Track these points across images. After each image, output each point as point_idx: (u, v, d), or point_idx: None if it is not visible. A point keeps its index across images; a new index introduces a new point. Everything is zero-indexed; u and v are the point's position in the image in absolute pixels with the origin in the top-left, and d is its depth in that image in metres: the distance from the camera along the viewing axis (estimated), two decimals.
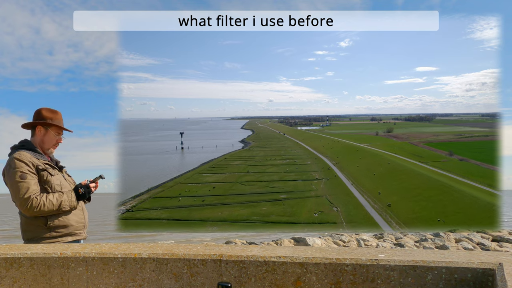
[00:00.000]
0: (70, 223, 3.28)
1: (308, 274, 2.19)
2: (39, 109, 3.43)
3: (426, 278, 2.05)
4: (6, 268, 2.50)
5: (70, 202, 3.24)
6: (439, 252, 2.30)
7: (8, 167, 3.17)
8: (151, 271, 2.38)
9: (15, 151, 3.25)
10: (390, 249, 2.38)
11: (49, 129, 3.39)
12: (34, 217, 3.16)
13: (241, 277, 2.27)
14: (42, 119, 3.38)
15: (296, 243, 13.50)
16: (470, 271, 2.01)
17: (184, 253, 2.37)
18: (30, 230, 3.21)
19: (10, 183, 3.14)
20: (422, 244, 13.23)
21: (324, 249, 2.40)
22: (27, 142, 3.35)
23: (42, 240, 3.17)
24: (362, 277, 2.13)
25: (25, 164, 3.13)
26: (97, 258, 2.43)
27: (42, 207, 3.09)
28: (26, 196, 3.06)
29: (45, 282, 2.48)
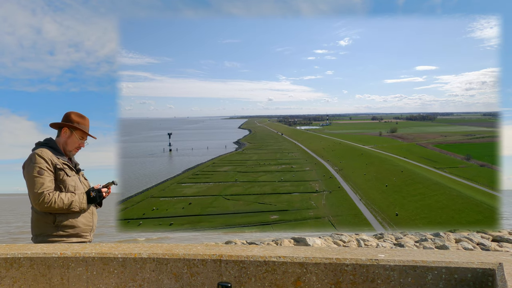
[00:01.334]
0: (78, 224, 3.35)
1: (308, 274, 2.19)
2: (68, 112, 3.56)
3: (426, 278, 2.05)
4: (6, 268, 2.50)
5: (80, 204, 3.32)
6: (439, 252, 2.30)
7: (28, 161, 3.28)
8: (151, 271, 2.38)
9: (38, 147, 3.38)
10: (390, 249, 2.38)
11: (74, 132, 3.51)
12: (44, 214, 3.26)
13: (241, 277, 2.27)
14: (69, 122, 3.51)
15: (296, 243, 13.49)
16: (470, 271, 2.01)
17: (184, 253, 2.37)
18: (39, 226, 3.30)
19: (27, 176, 3.25)
20: (422, 244, 13.23)
21: (324, 249, 2.39)
22: (51, 141, 3.48)
23: (48, 237, 3.26)
24: (362, 277, 2.13)
25: (45, 161, 3.25)
26: (97, 258, 2.43)
27: (52, 204, 3.18)
28: (39, 191, 3.17)
29: (45, 282, 2.48)
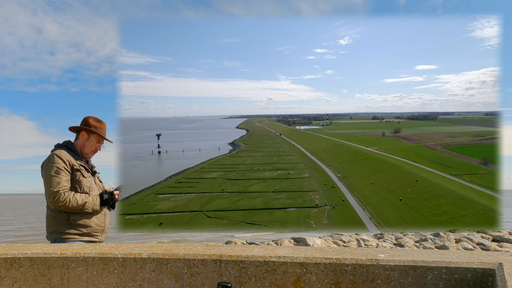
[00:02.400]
0: (90, 224, 3.49)
1: (308, 274, 2.19)
2: (87, 117, 3.77)
3: (426, 278, 2.05)
4: (6, 268, 2.50)
5: (93, 205, 3.48)
6: (439, 252, 2.30)
7: (47, 161, 3.46)
8: (151, 271, 2.38)
9: (57, 149, 3.57)
10: (390, 249, 2.38)
11: (91, 136, 3.71)
12: (58, 212, 3.41)
13: (241, 277, 2.27)
14: (87, 126, 3.71)
15: (296, 243, 13.49)
16: (470, 271, 2.01)
17: (184, 253, 2.37)
18: (53, 223, 3.46)
19: (45, 175, 3.41)
20: (422, 244, 13.23)
21: (324, 249, 2.39)
22: (70, 143, 3.68)
23: (62, 235, 3.41)
24: (362, 277, 2.13)
25: (62, 161, 3.42)
26: (97, 258, 2.43)
27: (67, 203, 3.33)
28: (55, 189, 3.32)
29: (45, 282, 2.48)
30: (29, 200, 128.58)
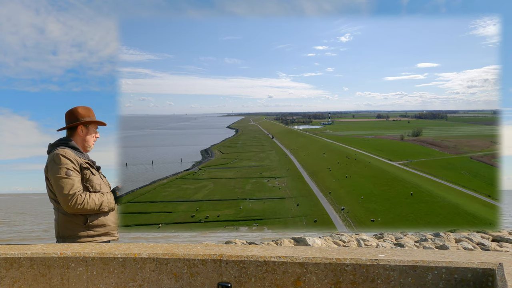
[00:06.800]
0: (108, 223, 3.31)
1: (308, 274, 2.19)
2: (75, 108, 3.43)
3: (426, 278, 2.05)
4: (6, 268, 2.50)
5: (109, 204, 3.28)
6: (439, 252, 2.30)
7: (52, 163, 3.14)
8: (151, 271, 2.38)
9: (57, 148, 3.24)
10: (390, 249, 2.38)
11: (90, 127, 3.43)
12: (73, 215, 3.16)
13: (241, 277, 2.27)
14: (81, 118, 3.40)
15: (296, 243, 13.49)
16: (470, 271, 2.01)
17: (184, 253, 2.37)
18: (68, 227, 3.19)
19: (53, 179, 3.11)
20: (422, 244, 13.21)
21: (324, 249, 2.39)
22: (69, 140, 3.35)
23: (79, 238, 3.17)
24: (362, 277, 2.13)
25: (70, 161, 3.14)
26: (97, 258, 2.43)
27: (85, 205, 3.09)
28: (71, 192, 3.06)
29: (45, 282, 2.48)
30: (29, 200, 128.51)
